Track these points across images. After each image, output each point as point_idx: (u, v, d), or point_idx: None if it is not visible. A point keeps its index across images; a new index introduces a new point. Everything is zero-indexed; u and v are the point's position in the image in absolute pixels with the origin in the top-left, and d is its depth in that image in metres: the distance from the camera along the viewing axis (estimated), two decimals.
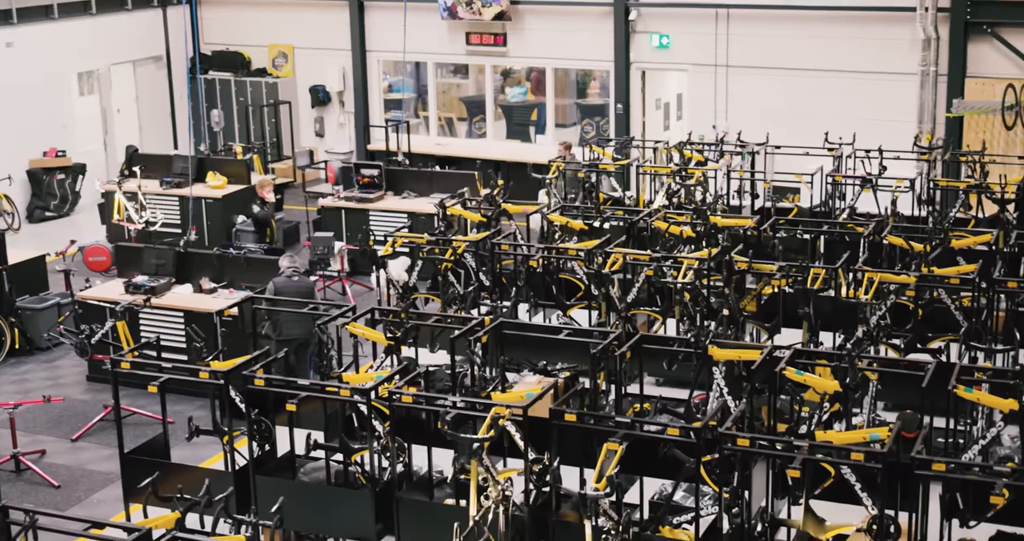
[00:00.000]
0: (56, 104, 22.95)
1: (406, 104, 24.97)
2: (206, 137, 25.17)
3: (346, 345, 12.22)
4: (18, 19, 22.19)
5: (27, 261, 16.53)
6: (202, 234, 19.46)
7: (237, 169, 20.44)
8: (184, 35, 25.09)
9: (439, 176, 19.75)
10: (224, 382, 10.24)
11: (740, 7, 20.76)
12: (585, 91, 24.52)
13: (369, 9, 24.27)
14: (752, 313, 12.40)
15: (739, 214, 16.06)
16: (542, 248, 13.80)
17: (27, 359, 15.81)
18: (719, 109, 21.15)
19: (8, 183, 21.64)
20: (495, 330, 11.05)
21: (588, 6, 22.12)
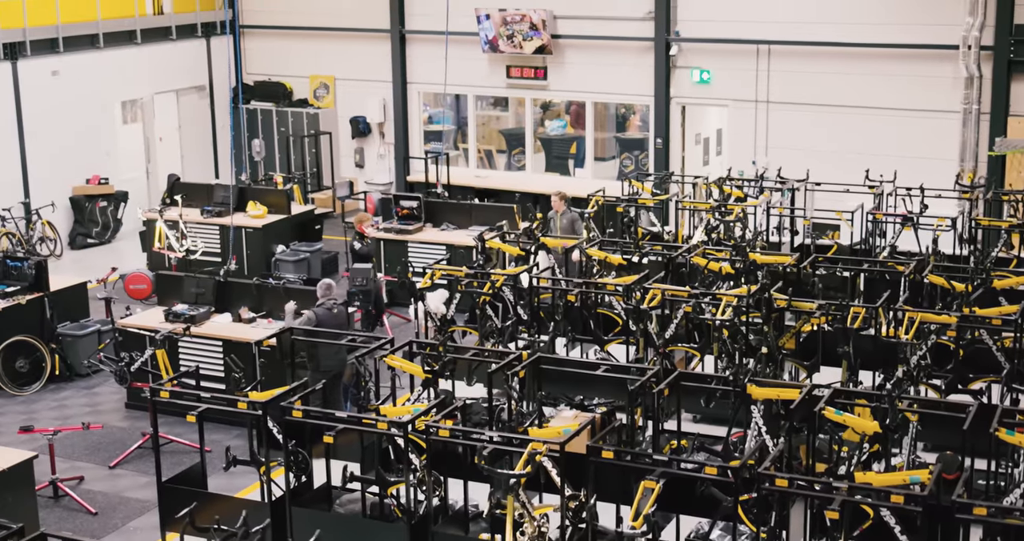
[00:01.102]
0: (100, 132, 23.18)
1: (446, 136, 25.07)
2: (247, 166, 25.36)
3: (384, 377, 12.25)
4: (64, 48, 22.45)
5: (69, 288, 16.63)
6: (242, 263, 19.57)
7: (277, 199, 20.56)
8: (227, 65, 25.30)
9: (478, 209, 19.79)
10: (262, 413, 10.29)
11: (781, 43, 20.75)
12: (625, 125, 24.54)
13: (411, 41, 24.42)
14: (791, 351, 12.35)
15: (778, 251, 16.02)
16: (580, 282, 13.80)
17: (67, 385, 15.91)
18: (759, 145, 21.12)
19: (51, 210, 21.84)
20: (533, 364, 11.05)
21: (629, 41, 22.17)
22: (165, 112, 24.91)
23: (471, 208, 19.80)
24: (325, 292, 14.11)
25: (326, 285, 14.20)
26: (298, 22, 25.48)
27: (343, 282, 19.17)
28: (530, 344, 13.05)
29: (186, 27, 25.17)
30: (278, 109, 25.57)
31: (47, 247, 21.63)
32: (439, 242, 18.82)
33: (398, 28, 24.36)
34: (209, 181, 22.95)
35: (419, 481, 9.75)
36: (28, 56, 21.72)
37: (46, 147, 21.91)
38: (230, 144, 23.02)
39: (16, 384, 15.67)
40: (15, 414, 14.96)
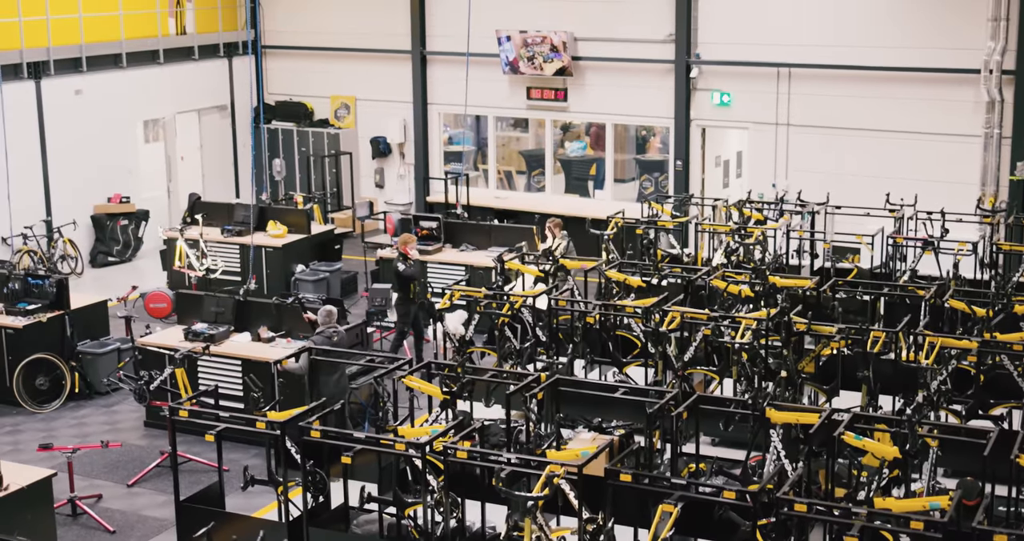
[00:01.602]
0: (122, 151, 23.30)
1: (466, 157, 25.13)
2: (268, 186, 25.45)
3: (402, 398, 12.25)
4: (87, 67, 22.59)
5: (89, 306, 16.70)
6: (261, 283, 19.62)
7: (298, 218, 20.62)
8: (249, 85, 25.48)
9: (497, 229, 19.82)
10: (280, 433, 10.30)
11: (802, 66, 20.74)
12: (645, 147, 24.55)
13: (432, 62, 24.51)
14: (810, 375, 12.32)
15: (798, 274, 15.99)
16: (599, 304, 13.79)
17: (86, 403, 15.95)
18: (779, 168, 21.11)
19: (73, 228, 21.95)
20: (551, 386, 11.04)
21: (649, 63, 22.20)
22: (187, 131, 25.04)
23: (490, 229, 19.83)
24: (326, 319, 14.01)
25: (326, 312, 14.08)
26: (320, 43, 25.59)
27: (362, 302, 19.21)
28: (548, 366, 13.05)
29: (208, 47, 25.31)
30: (299, 129, 25.67)
31: (68, 265, 21.72)
32: (458, 263, 18.85)
33: (419, 49, 24.44)
34: (230, 200, 23.05)
35: (436, 502, 9.73)
36: (52, 75, 21.87)
37: (68, 166, 22.04)
38: (251, 164, 23.10)
39: (36, 401, 15.73)
40: (35, 431, 15.01)
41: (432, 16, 24.28)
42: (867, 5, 20.28)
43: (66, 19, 22.09)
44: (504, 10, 23.17)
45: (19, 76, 21.31)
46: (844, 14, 20.45)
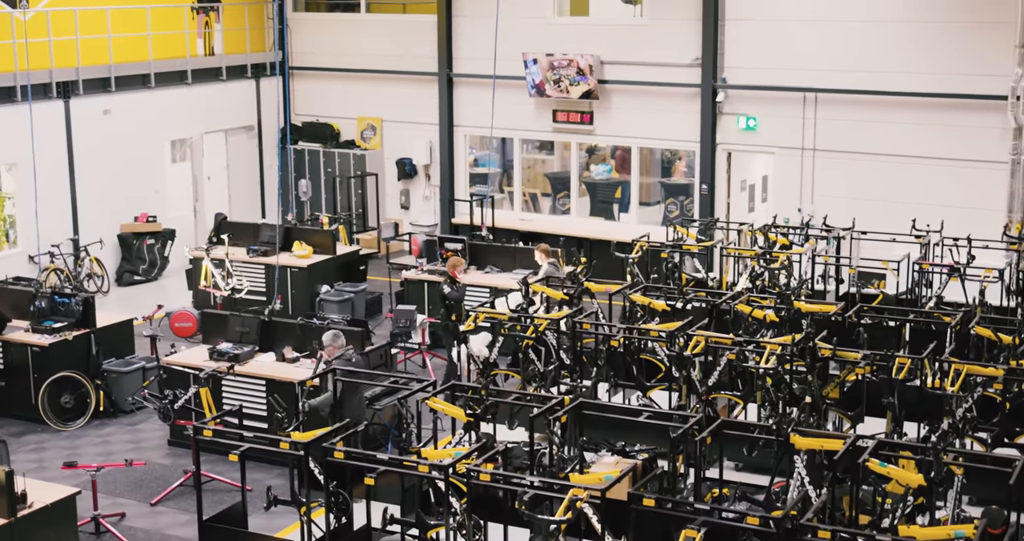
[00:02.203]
0: (149, 170, 23.44)
1: (491, 179, 25.19)
2: (293, 206, 25.55)
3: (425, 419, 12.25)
4: (116, 87, 22.76)
5: (115, 324, 16.77)
6: (286, 303, 19.68)
7: (323, 239, 20.69)
8: (276, 106, 25.62)
9: (522, 252, 19.82)
10: (304, 453, 10.31)
11: (828, 91, 20.73)
12: (670, 170, 24.57)
13: (458, 84, 24.60)
14: (835, 401, 12.26)
15: (823, 299, 15.95)
16: (623, 328, 13.78)
17: (110, 421, 16.01)
18: (805, 192, 21.08)
19: (99, 246, 22.08)
20: (575, 409, 11.03)
21: (675, 87, 22.23)
22: (214, 151, 25.19)
23: (515, 251, 19.84)
24: (333, 341, 13.80)
25: (333, 334, 13.89)
26: (347, 64, 25.73)
27: (386, 323, 19.24)
28: (572, 389, 13.04)
29: (236, 68, 25.48)
30: (325, 150, 25.78)
31: (94, 283, 21.83)
32: (483, 285, 18.86)
33: (446, 71, 24.54)
34: (256, 220, 23.16)
35: (459, 525, 9.72)
36: (81, 95, 22.04)
37: (96, 184, 22.18)
38: (277, 184, 23.20)
39: (61, 419, 15.79)
40: (59, 449, 15.07)
41: (459, 38, 24.39)
42: (893, 31, 20.26)
43: (95, 39, 22.27)
44: (531, 33, 23.25)
45: (48, 95, 21.49)
46: (870, 39, 20.44)
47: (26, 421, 15.82)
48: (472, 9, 23.95)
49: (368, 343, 15.29)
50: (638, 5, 23.43)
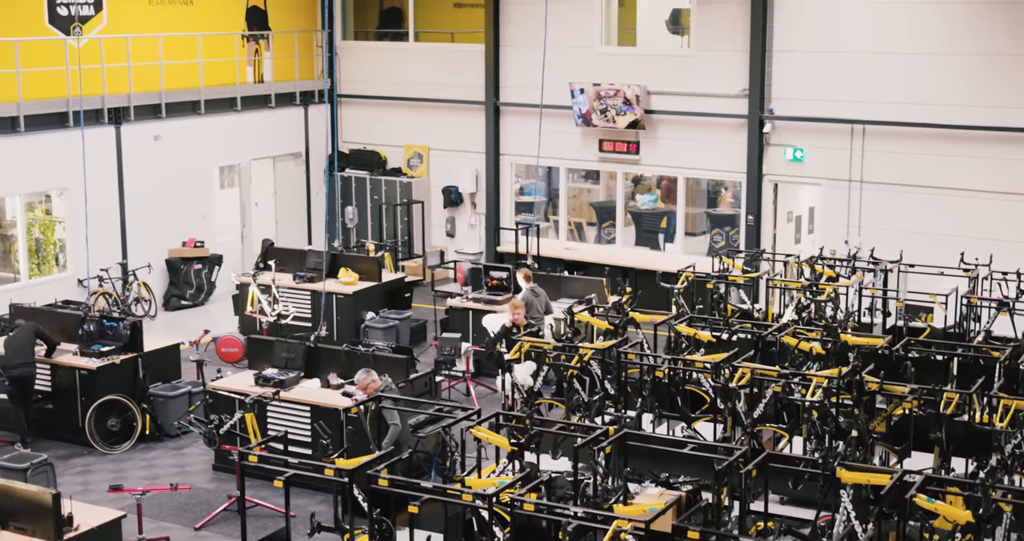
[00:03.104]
0: (197, 196, 23.65)
1: (537, 207, 25.23)
2: (340, 233, 25.69)
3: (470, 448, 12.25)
4: (166, 113, 23.00)
5: (162, 349, 16.91)
6: (332, 329, 19.76)
7: (369, 266, 20.78)
8: (324, 133, 25.80)
9: (567, 281, 19.84)
10: (348, 480, 10.33)
11: (876, 123, 20.66)
12: (716, 201, 24.53)
13: (505, 113, 24.70)
14: (882, 435, 12.18)
15: (870, 333, 15.84)
16: (668, 358, 13.74)
17: (156, 445, 16.11)
18: (852, 224, 20.97)
19: (147, 271, 22.27)
20: (619, 440, 11.00)
21: (722, 117, 22.22)
22: (262, 178, 25.38)
23: (560, 280, 19.85)
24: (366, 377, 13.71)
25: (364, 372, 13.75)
26: (394, 93, 25.89)
27: (430, 350, 19.27)
28: (617, 419, 13.01)
29: (285, 95, 25.69)
30: (372, 177, 25.93)
31: (142, 308, 22.01)
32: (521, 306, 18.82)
33: (493, 100, 24.65)
34: (302, 247, 23.29)
35: None
36: (132, 121, 22.28)
37: (145, 209, 22.39)
38: (324, 211, 23.33)
39: (107, 442, 15.91)
40: (105, 472, 15.17)
41: (506, 68, 24.50)
42: (941, 63, 20.16)
43: (147, 66, 22.54)
44: (578, 63, 23.32)
45: (100, 121, 21.74)
46: (918, 72, 20.35)
47: (73, 444, 15.95)
48: (520, 39, 24.06)
49: (412, 370, 15.32)
50: (685, 36, 23.47)
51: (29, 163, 20.54)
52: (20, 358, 15.70)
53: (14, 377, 15.70)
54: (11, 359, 15.70)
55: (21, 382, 15.75)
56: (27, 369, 15.75)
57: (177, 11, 23.63)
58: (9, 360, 15.70)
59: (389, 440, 12.90)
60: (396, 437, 12.99)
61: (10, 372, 15.69)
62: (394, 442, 12.86)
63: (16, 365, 15.68)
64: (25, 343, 15.80)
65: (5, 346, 15.92)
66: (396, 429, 13.02)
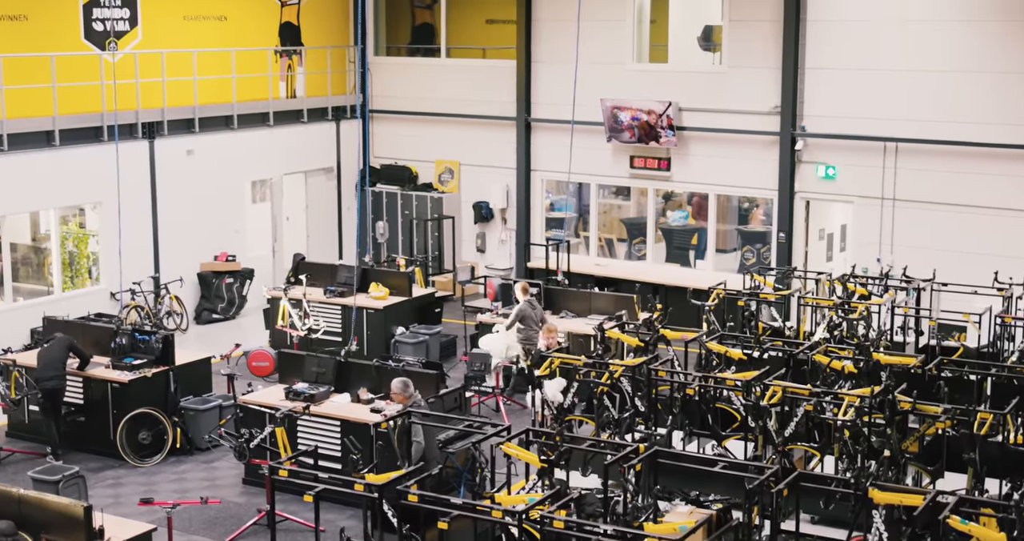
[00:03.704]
0: (230, 210, 23.76)
1: (567, 223, 25.23)
2: (370, 248, 25.75)
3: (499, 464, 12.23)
4: (200, 128, 23.14)
5: (193, 362, 16.96)
6: (362, 344, 19.79)
7: (399, 281, 20.82)
8: (355, 148, 25.89)
9: (597, 297, 19.81)
10: (378, 496, 10.33)
11: (909, 141, 20.57)
12: (747, 218, 24.46)
13: (536, 129, 24.72)
14: (914, 455, 12.09)
15: (903, 352, 15.76)
16: (699, 376, 13.70)
17: (186, 458, 16.16)
18: (884, 242, 20.87)
19: (179, 284, 22.38)
20: (650, 458, 10.96)
21: (754, 134, 22.18)
22: (293, 192, 25.48)
23: (590, 296, 19.83)
24: (402, 388, 13.82)
25: (403, 384, 13.90)
26: (426, 108, 25.97)
27: (460, 366, 19.28)
28: (647, 436, 12.97)
29: (317, 111, 25.81)
30: (403, 192, 25.99)
31: (174, 321, 22.11)
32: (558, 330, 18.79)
33: (524, 116, 24.69)
34: (333, 261, 23.35)
35: None
36: (165, 135, 22.42)
37: (177, 223, 22.52)
38: (355, 225, 23.38)
39: (138, 455, 15.97)
40: (136, 485, 15.23)
41: (537, 84, 24.54)
42: (974, 81, 20.08)
43: (181, 81, 22.69)
44: (609, 79, 23.34)
45: (134, 136, 21.89)
46: (951, 89, 20.27)
47: (104, 456, 16.02)
48: (551, 55, 24.11)
49: (442, 386, 15.32)
50: (717, 52, 23.45)
51: (64, 177, 20.71)
52: (52, 371, 15.81)
53: (46, 390, 15.81)
54: (43, 371, 15.81)
55: (52, 394, 15.86)
56: (58, 382, 15.86)
57: (211, 26, 23.80)
58: (41, 372, 15.81)
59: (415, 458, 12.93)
60: (419, 454, 13.03)
61: (42, 385, 15.80)
62: (418, 459, 12.89)
63: (48, 378, 15.79)
64: (58, 356, 15.89)
65: (38, 358, 16.03)
66: (419, 447, 13.06)
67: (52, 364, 15.83)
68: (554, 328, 16.80)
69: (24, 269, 22.28)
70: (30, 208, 21.46)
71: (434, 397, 14.59)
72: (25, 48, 20.39)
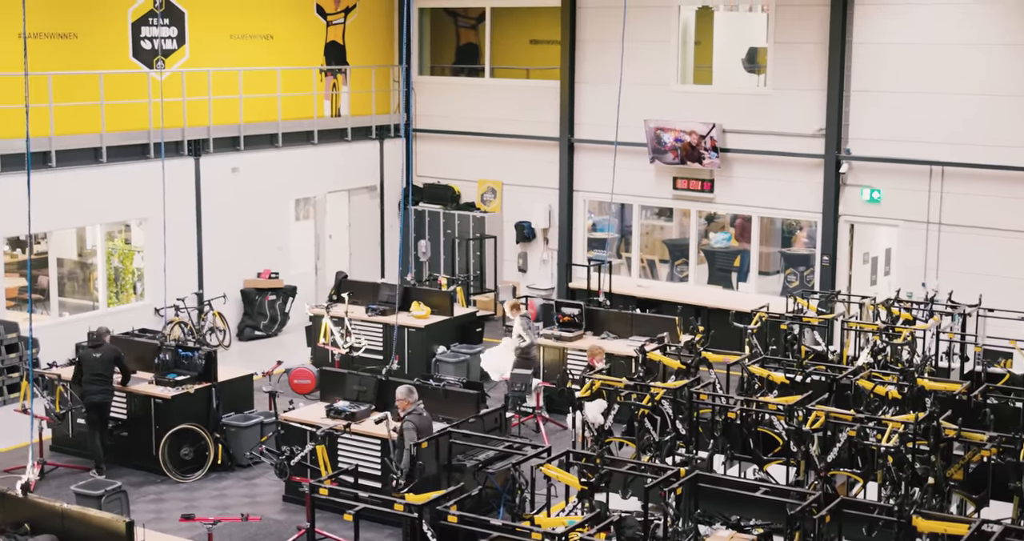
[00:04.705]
0: (273, 227, 23.90)
1: (609, 244, 25.20)
2: (413, 267, 25.81)
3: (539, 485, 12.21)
4: (245, 146, 23.31)
5: (235, 379, 17.04)
6: (403, 363, 19.81)
7: (441, 300, 20.84)
8: (399, 167, 25.99)
9: (639, 319, 19.74)
10: (418, 515, 10.34)
11: (955, 165, 20.43)
12: (791, 240, 24.34)
13: (579, 150, 24.73)
14: (959, 483, 11.97)
15: (948, 378, 15.62)
16: (741, 399, 13.63)
17: (228, 475, 16.21)
18: (930, 267, 20.71)
19: (223, 301, 22.51)
20: (690, 481, 10.91)
21: (798, 157, 22.09)
22: (336, 210, 25.60)
23: (632, 318, 19.77)
24: (407, 396, 13.95)
25: (407, 390, 14.02)
26: (469, 128, 26.04)
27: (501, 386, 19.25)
28: (688, 460, 12.91)
29: (361, 129, 25.94)
30: (445, 211, 26.05)
31: (216, 337, 22.23)
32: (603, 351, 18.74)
33: (567, 136, 24.71)
34: (375, 280, 23.41)
35: None
36: (210, 153, 22.59)
37: (221, 240, 22.67)
38: (398, 244, 23.46)
39: (180, 471, 16.04)
40: (177, 501, 15.29)
41: (581, 104, 24.56)
42: (1020, 105, 19.90)
43: (227, 100, 22.87)
44: (653, 100, 23.32)
45: (180, 153, 22.08)
46: (998, 113, 20.12)
47: (146, 472, 16.11)
48: (595, 76, 24.13)
49: (483, 406, 15.32)
50: (762, 74, 23.40)
51: (111, 193, 20.91)
52: (99, 384, 15.94)
53: (92, 403, 15.94)
54: (90, 384, 15.94)
55: (99, 408, 15.99)
56: (105, 396, 16.00)
57: (257, 45, 23.98)
58: (88, 386, 15.94)
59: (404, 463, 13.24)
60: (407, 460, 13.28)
61: (88, 398, 15.93)
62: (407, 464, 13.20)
63: (95, 391, 15.93)
64: (105, 369, 16.02)
65: (82, 360, 16.14)
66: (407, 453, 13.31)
67: (99, 377, 15.96)
68: (600, 351, 16.76)
69: (70, 284, 22.47)
70: (77, 224, 21.67)
71: (474, 417, 14.60)
72: (74, 66, 20.62)
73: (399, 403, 13.95)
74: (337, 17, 25.71)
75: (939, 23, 20.65)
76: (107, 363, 16.04)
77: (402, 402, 13.91)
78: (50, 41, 20.47)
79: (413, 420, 13.57)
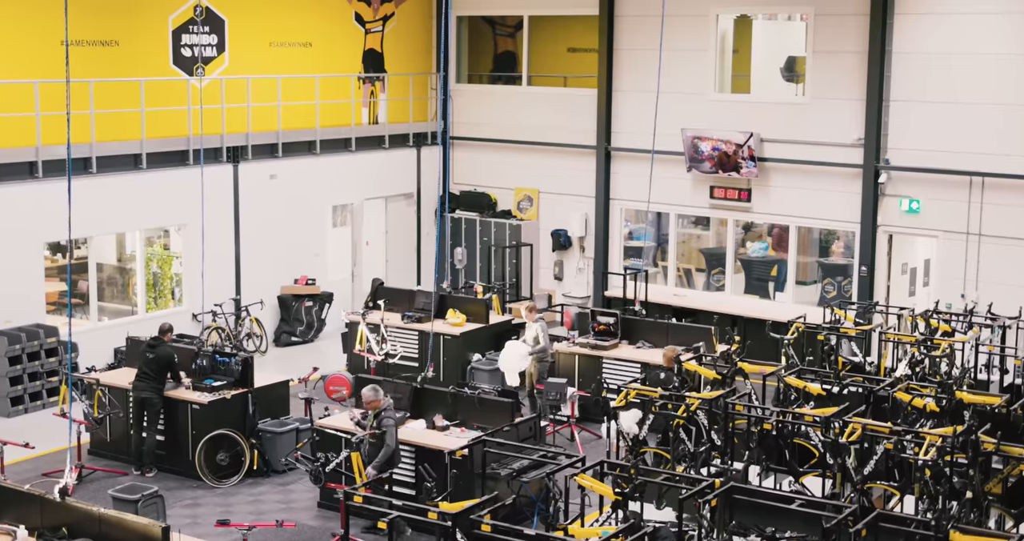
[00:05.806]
0: (310, 234, 23.99)
1: (646, 252, 25.15)
2: (449, 274, 25.84)
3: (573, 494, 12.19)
4: (283, 153, 23.41)
5: (271, 385, 17.09)
6: (438, 370, 19.84)
7: (477, 308, 20.86)
8: (436, 175, 26.05)
9: (675, 328, 19.69)
10: (452, 524, 10.34)
11: (995, 176, 20.28)
12: (828, 250, 24.22)
13: (616, 158, 24.72)
14: (998, 497, 11.87)
15: (987, 390, 15.50)
16: (777, 411, 13.57)
17: (263, 480, 16.27)
18: (969, 278, 20.56)
19: (260, 307, 22.61)
20: (725, 493, 10.87)
21: (836, 167, 21.99)
22: (373, 217, 25.67)
23: (668, 327, 19.71)
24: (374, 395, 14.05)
25: (373, 389, 14.14)
26: (506, 136, 26.08)
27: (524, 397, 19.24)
28: (723, 471, 12.86)
29: (398, 137, 26.01)
30: (482, 219, 26.08)
31: (253, 343, 22.33)
32: (634, 360, 18.74)
33: (604, 145, 24.69)
34: (411, 287, 23.47)
35: None
36: (249, 160, 22.71)
37: (259, 246, 22.78)
38: (434, 251, 23.50)
39: (216, 476, 16.11)
40: (213, 506, 15.36)
41: (618, 113, 24.54)
42: None
43: (265, 107, 22.98)
44: (690, 109, 23.28)
45: (219, 160, 22.21)
46: None
47: (182, 477, 16.19)
48: (632, 84, 24.11)
49: (517, 414, 15.31)
50: (800, 83, 23.31)
51: (150, 199, 21.05)
52: (145, 381, 16.18)
53: (138, 399, 16.11)
54: (138, 381, 16.23)
55: (143, 404, 16.16)
56: (149, 394, 16.18)
57: (296, 53, 24.10)
58: (136, 381, 16.24)
59: (380, 460, 13.53)
60: (388, 457, 13.60)
61: (136, 394, 16.12)
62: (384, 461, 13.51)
63: (140, 388, 16.17)
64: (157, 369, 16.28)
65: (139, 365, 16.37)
66: (388, 450, 13.62)
67: (147, 375, 16.24)
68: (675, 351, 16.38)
69: (109, 289, 22.63)
70: (117, 229, 21.81)
71: (509, 426, 14.61)
72: (115, 73, 20.79)
73: (369, 404, 14.09)
74: (375, 25, 25.81)
75: (979, 33, 20.51)
76: (158, 365, 16.24)
77: (373, 402, 14.05)
78: (92, 48, 20.64)
79: (391, 417, 13.76)
